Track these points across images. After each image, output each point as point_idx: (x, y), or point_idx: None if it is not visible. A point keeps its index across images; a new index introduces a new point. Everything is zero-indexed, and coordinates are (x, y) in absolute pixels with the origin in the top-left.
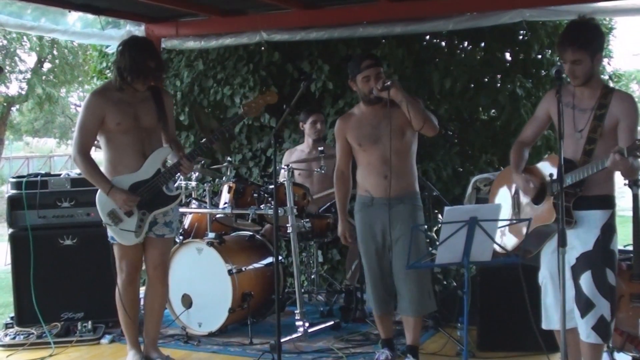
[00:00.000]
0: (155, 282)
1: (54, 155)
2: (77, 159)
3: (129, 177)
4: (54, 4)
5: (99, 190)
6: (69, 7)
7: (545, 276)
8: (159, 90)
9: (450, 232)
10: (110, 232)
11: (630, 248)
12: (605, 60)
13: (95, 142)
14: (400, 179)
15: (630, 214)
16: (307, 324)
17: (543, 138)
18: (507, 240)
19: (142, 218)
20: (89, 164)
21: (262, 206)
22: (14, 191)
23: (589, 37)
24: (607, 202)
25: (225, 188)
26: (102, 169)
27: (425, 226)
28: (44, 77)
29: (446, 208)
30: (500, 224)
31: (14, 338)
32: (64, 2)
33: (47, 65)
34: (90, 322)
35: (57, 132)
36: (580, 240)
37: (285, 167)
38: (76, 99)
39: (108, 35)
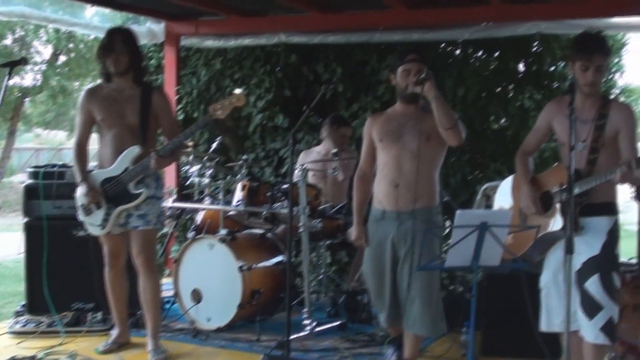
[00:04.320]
0: (139, 272)
1: (63, 148)
2: (72, 151)
3: (103, 172)
4: None
5: None
6: (93, 2)
7: (549, 280)
8: (149, 89)
9: (461, 236)
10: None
11: (633, 261)
12: (617, 75)
13: None
14: (413, 188)
15: (634, 227)
16: (314, 323)
17: (550, 149)
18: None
19: (108, 212)
20: (77, 156)
21: (275, 205)
22: (31, 181)
23: (609, 45)
24: (611, 208)
25: (239, 186)
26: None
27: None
28: (58, 70)
29: (458, 212)
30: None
31: (25, 325)
32: None
33: (62, 58)
34: (100, 313)
35: (68, 125)
36: (588, 245)
37: (300, 166)
38: None
39: None
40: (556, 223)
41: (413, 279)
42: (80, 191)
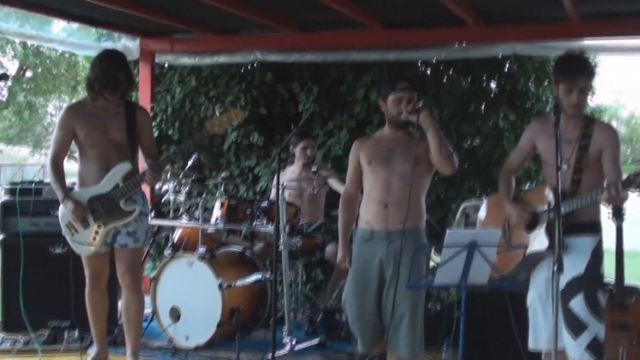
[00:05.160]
0: (125, 290)
1: (26, 164)
2: (48, 167)
3: (89, 189)
4: (53, 14)
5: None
6: (68, 18)
7: (535, 298)
8: (133, 106)
9: (450, 255)
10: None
11: (610, 279)
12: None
13: (70, 153)
14: (403, 210)
15: (609, 246)
16: (294, 341)
17: (523, 169)
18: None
19: (97, 230)
20: (55, 173)
21: (254, 223)
22: (8, 197)
23: (591, 67)
24: (595, 228)
25: (217, 204)
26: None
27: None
28: (25, 85)
29: (448, 231)
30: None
31: (1, 344)
32: (63, 13)
33: (28, 74)
34: (77, 331)
35: (31, 141)
36: (572, 264)
37: (280, 185)
38: (52, 109)
39: (104, 47)
40: (542, 242)
41: (402, 300)
42: (64, 209)
